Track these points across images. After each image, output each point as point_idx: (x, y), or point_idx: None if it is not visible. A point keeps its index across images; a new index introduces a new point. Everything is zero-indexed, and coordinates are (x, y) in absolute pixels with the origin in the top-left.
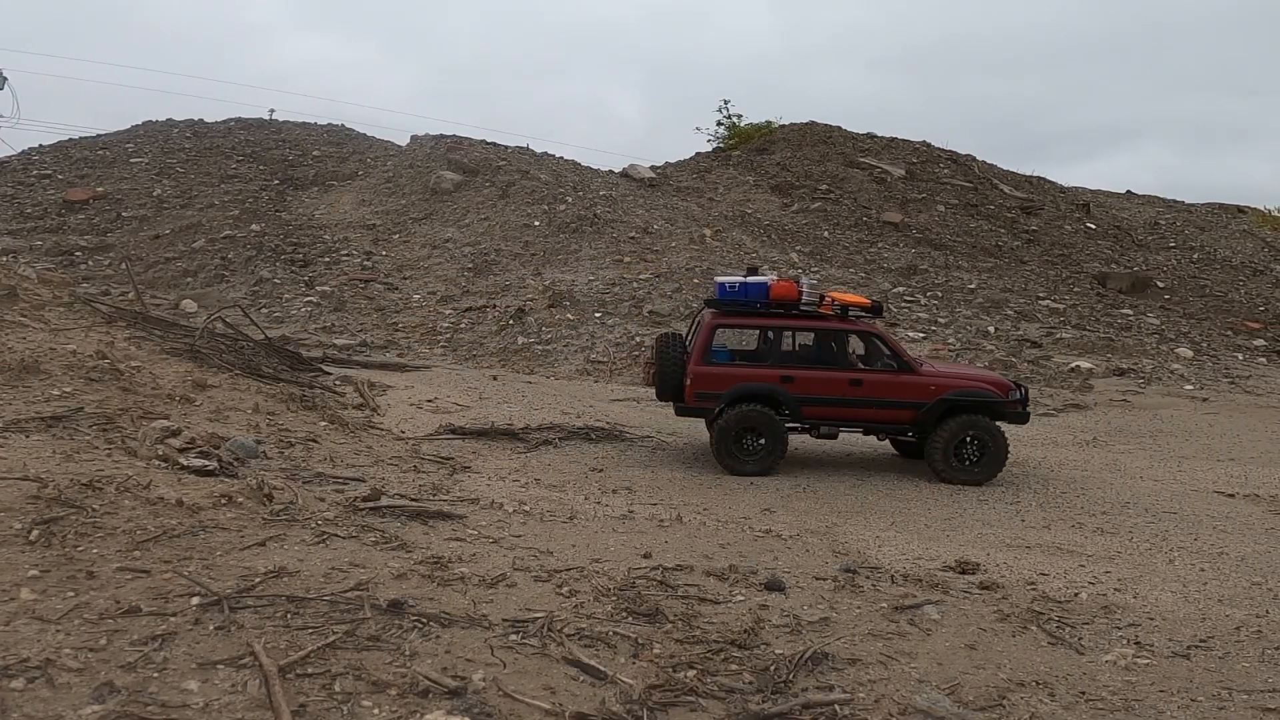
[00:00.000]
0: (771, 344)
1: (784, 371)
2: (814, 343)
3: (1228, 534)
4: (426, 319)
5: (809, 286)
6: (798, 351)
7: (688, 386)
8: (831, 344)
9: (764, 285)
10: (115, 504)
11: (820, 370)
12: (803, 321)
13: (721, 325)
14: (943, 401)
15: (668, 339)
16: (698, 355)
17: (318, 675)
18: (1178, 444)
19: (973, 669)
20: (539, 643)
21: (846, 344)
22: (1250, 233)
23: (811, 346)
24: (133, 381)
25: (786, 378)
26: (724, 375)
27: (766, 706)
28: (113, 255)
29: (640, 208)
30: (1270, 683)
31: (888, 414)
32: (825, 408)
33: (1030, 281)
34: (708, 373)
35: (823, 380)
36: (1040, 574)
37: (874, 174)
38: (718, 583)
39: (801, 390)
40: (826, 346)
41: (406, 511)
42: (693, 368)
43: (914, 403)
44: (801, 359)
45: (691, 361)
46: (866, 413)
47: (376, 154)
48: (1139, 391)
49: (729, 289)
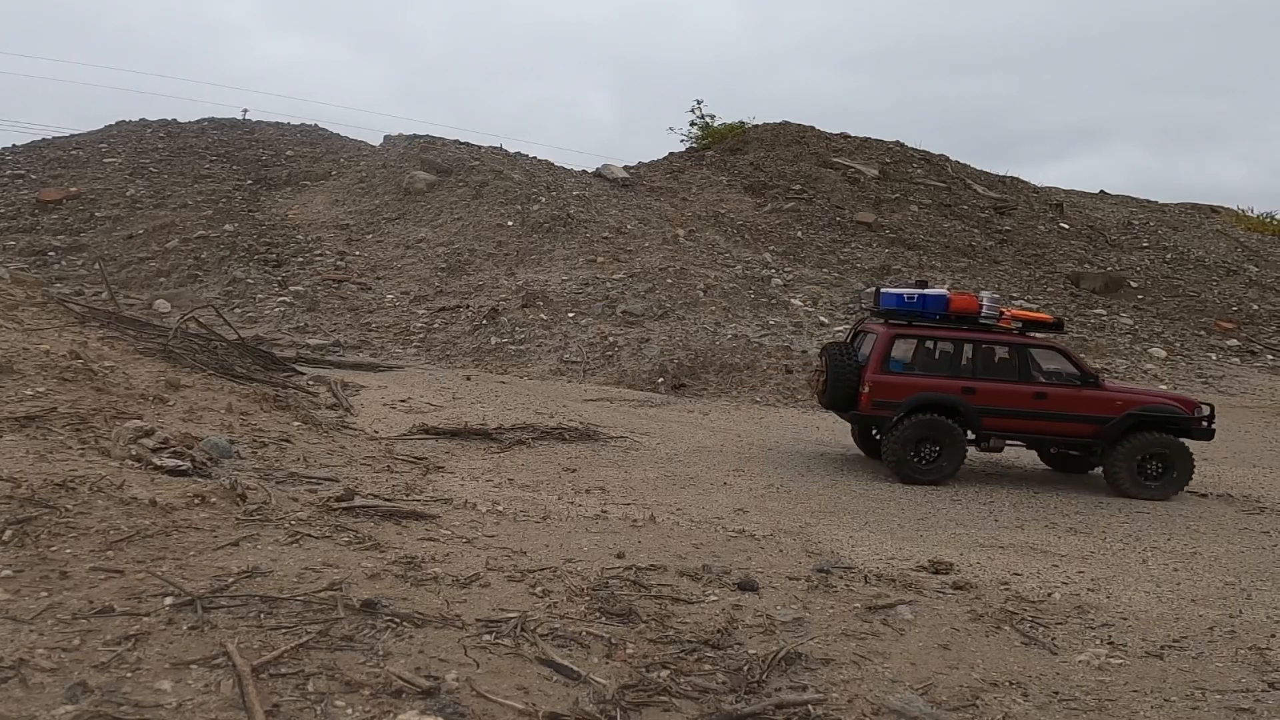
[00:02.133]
0: (950, 355)
1: (965, 383)
2: (995, 355)
3: (1201, 534)
4: (400, 319)
5: (989, 300)
6: (977, 363)
7: (864, 395)
8: (1014, 357)
9: (943, 298)
10: (89, 504)
11: (1003, 383)
12: (986, 335)
13: (899, 336)
14: (1130, 416)
15: (840, 348)
16: (875, 364)
17: (291, 675)
18: None
19: (946, 669)
20: (512, 643)
21: (1029, 357)
22: (1224, 233)
23: (992, 359)
24: (106, 381)
25: (968, 389)
26: (903, 385)
27: (740, 706)
28: (86, 255)
29: (614, 208)
30: (1243, 683)
31: (1070, 427)
32: (1006, 419)
33: (1004, 281)
34: (886, 381)
35: (1006, 393)
36: (1014, 574)
37: (847, 174)
38: (691, 583)
39: (983, 402)
40: (1008, 359)
41: (380, 511)
42: (870, 376)
43: (1098, 417)
44: (982, 371)
45: (869, 370)
46: (1048, 425)
47: (350, 154)
48: None
49: (907, 300)
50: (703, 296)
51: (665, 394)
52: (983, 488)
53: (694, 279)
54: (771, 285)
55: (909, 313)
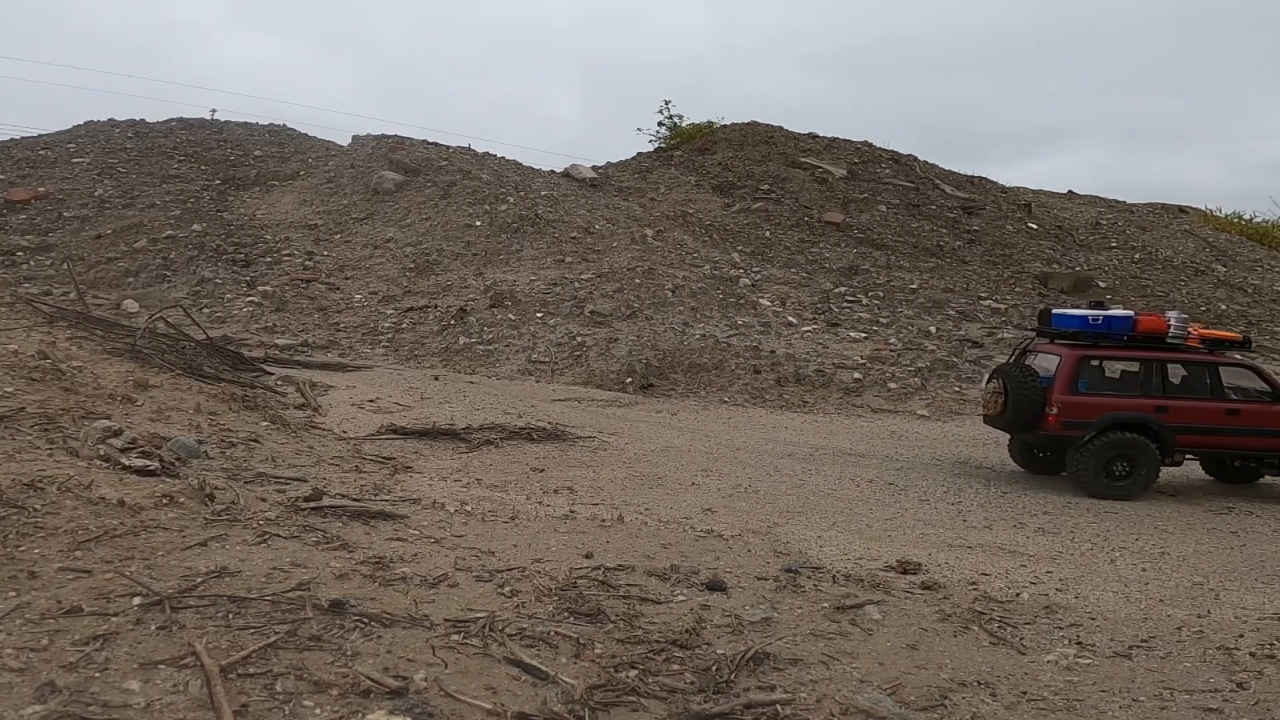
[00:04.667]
0: (1138, 375)
1: (1158, 401)
2: (1184, 373)
3: (1169, 534)
4: (368, 319)
5: (1177, 320)
6: (1167, 382)
7: (1052, 415)
8: (1204, 375)
9: (1130, 319)
10: (57, 504)
11: (1196, 400)
12: (1178, 354)
13: (1086, 357)
14: None
15: (1021, 370)
16: (1063, 385)
17: (259, 675)
18: None
19: (914, 669)
20: (481, 643)
21: (1220, 376)
22: (1191, 233)
23: (1182, 377)
24: (74, 381)
25: (1161, 408)
26: (1093, 405)
27: (708, 706)
28: (54, 255)
29: (582, 208)
30: (1212, 683)
31: (1265, 442)
32: (1199, 436)
33: (972, 281)
34: (1075, 402)
35: (1199, 410)
36: (982, 574)
37: (815, 174)
38: (659, 583)
39: (1176, 419)
40: (1198, 377)
41: (348, 511)
42: (1058, 397)
43: None
44: (1173, 390)
45: (1056, 391)
46: (1242, 441)
47: (318, 154)
48: None
49: (1092, 322)
50: (671, 296)
51: (633, 394)
52: (951, 488)
53: (662, 279)
54: (740, 285)
55: (1093, 334)
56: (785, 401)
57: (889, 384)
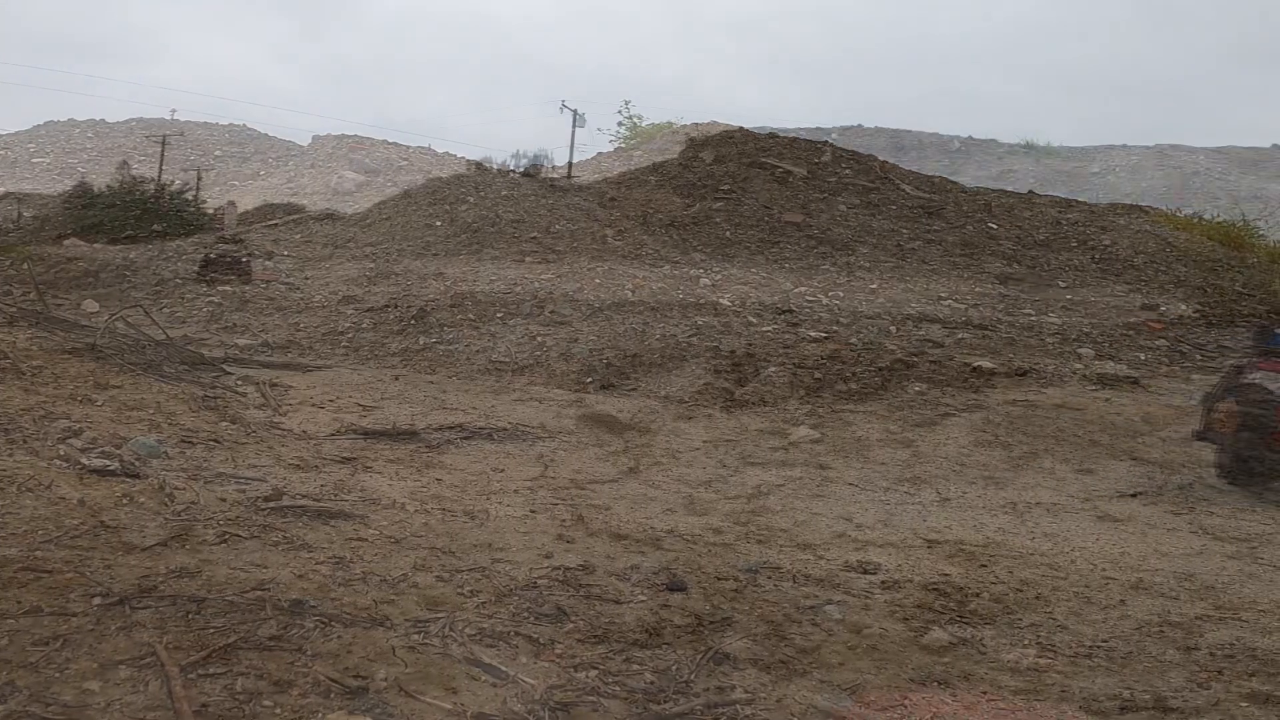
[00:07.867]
0: None
1: None
2: None
3: (1130, 534)
4: (328, 319)
5: None
6: None
7: None
8: None
9: None
10: (16, 504)
11: None
12: None
13: None
14: None
15: (1257, 390)
16: None
17: (219, 675)
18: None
19: (874, 669)
20: (441, 643)
21: None
22: (1152, 233)
23: None
24: (34, 381)
25: None
26: None
27: (668, 707)
28: (14, 256)
29: (542, 208)
30: (1172, 683)
31: None
32: None
33: (932, 282)
34: None
35: None
36: (942, 574)
37: (776, 174)
38: (619, 583)
39: None
40: None
41: (308, 511)
42: None
43: None
44: None
45: None
46: None
47: (278, 154)
48: (1041, 392)
49: None
50: (631, 296)
51: (594, 393)
52: (912, 487)
53: (622, 279)
54: (700, 285)
55: None
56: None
57: (850, 384)
